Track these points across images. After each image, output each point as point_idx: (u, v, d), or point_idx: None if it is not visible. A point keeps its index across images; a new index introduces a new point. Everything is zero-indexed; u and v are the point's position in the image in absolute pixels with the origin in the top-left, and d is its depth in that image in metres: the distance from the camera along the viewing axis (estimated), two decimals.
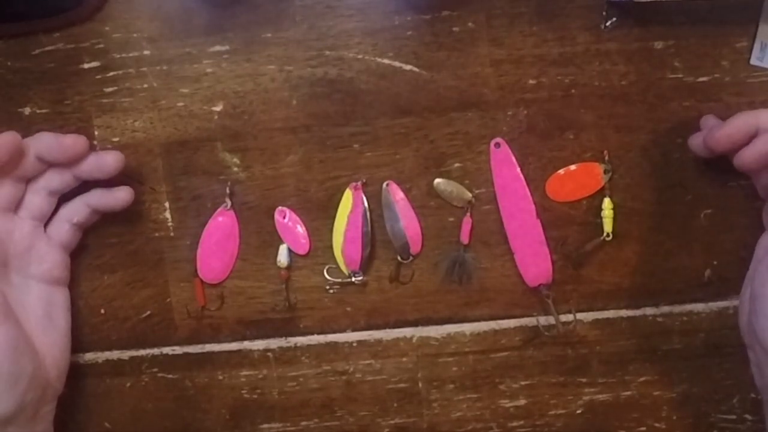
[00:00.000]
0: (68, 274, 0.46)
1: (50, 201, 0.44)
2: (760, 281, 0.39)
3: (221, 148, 0.46)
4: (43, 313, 0.44)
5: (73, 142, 0.42)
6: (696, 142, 0.41)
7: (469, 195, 0.45)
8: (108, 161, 0.42)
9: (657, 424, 0.47)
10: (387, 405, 0.48)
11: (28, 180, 0.43)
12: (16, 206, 0.43)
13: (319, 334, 0.48)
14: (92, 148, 0.46)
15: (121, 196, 0.44)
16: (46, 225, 0.45)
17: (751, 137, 0.38)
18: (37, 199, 0.43)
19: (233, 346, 0.48)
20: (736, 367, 0.46)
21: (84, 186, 0.44)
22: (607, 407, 0.47)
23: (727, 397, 0.47)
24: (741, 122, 0.38)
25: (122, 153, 0.43)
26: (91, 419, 0.49)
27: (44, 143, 0.42)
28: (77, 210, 0.45)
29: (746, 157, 0.38)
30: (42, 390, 0.42)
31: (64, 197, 0.45)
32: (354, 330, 0.48)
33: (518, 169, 0.45)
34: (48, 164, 0.42)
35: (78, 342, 0.48)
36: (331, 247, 0.46)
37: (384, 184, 0.46)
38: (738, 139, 0.38)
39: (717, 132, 0.38)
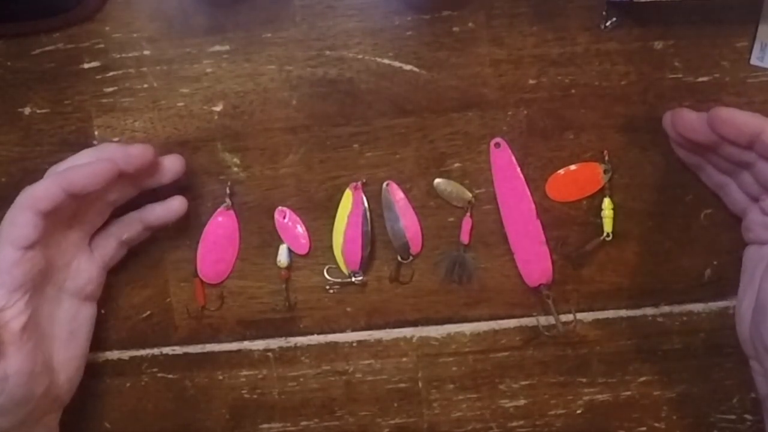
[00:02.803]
0: (100, 292, 0.45)
1: (104, 214, 0.43)
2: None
3: (221, 148, 0.46)
4: (67, 328, 0.43)
5: (140, 152, 0.41)
6: (667, 118, 0.41)
7: (469, 195, 0.45)
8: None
9: (657, 424, 0.47)
10: (387, 405, 0.48)
11: None
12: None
13: (319, 334, 0.48)
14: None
15: (174, 206, 0.44)
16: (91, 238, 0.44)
17: (710, 140, 0.38)
18: (91, 210, 0.43)
19: (233, 346, 0.48)
20: (736, 367, 0.46)
21: (135, 202, 0.44)
22: (607, 407, 0.47)
23: (727, 397, 0.47)
24: (698, 119, 0.38)
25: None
26: (91, 419, 0.49)
27: (110, 154, 0.40)
28: (129, 226, 0.44)
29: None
30: (49, 404, 0.42)
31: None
32: (354, 330, 0.48)
33: (518, 169, 0.45)
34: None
35: None
36: (331, 247, 0.46)
37: (384, 184, 0.46)
38: (696, 131, 0.39)
39: (684, 115, 0.39)
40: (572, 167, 0.45)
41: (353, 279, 0.46)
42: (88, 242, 0.44)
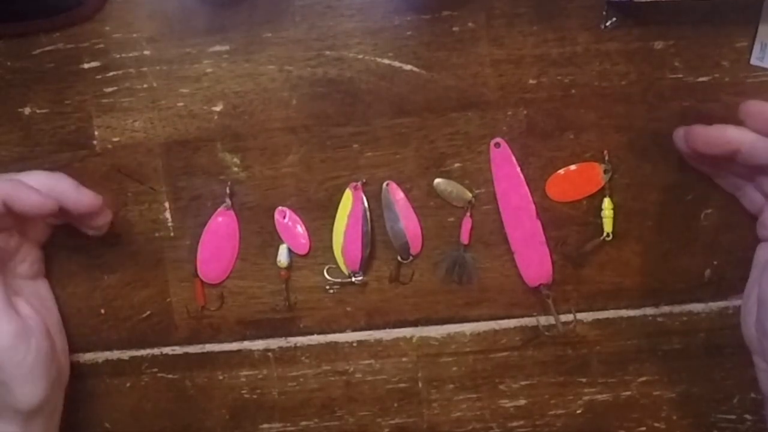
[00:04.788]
0: (44, 266, 0.47)
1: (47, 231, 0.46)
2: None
3: (221, 148, 0.46)
4: (40, 306, 0.44)
5: (91, 202, 0.42)
6: (679, 134, 0.41)
7: (469, 195, 0.45)
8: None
9: (657, 424, 0.47)
10: (387, 405, 0.48)
11: None
12: None
13: (319, 334, 0.48)
14: (92, 148, 0.46)
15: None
16: None
17: (728, 151, 0.38)
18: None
19: (233, 346, 0.48)
20: (736, 367, 0.46)
21: None
22: (607, 407, 0.47)
23: (727, 397, 0.47)
24: (723, 134, 0.38)
25: (122, 152, 0.43)
26: (91, 419, 0.49)
27: (63, 190, 0.41)
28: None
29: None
30: (59, 376, 0.43)
31: None
32: (354, 330, 0.48)
33: (518, 169, 0.45)
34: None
35: (78, 342, 0.48)
36: (331, 247, 0.46)
37: (384, 184, 0.46)
38: (713, 145, 0.39)
39: (699, 132, 0.39)
40: (572, 167, 0.45)
41: (353, 279, 0.46)
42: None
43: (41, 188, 0.40)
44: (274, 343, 0.48)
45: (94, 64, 0.45)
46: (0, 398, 0.40)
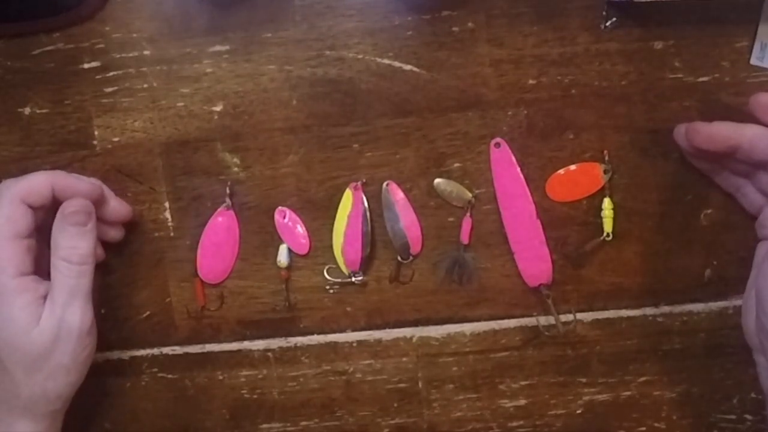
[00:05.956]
0: None
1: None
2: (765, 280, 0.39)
3: (221, 148, 0.46)
4: None
5: (127, 212, 0.45)
6: (680, 131, 0.41)
7: (469, 195, 0.45)
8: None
9: (657, 424, 0.47)
10: (387, 405, 0.48)
11: None
12: None
13: (319, 334, 0.48)
14: (92, 148, 0.46)
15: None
16: None
17: (728, 147, 0.39)
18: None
19: (233, 346, 0.48)
20: (736, 367, 0.46)
21: None
22: (607, 407, 0.47)
23: (727, 397, 0.47)
24: (723, 130, 0.39)
25: (122, 152, 0.44)
26: (91, 419, 0.49)
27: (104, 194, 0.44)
28: None
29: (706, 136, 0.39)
30: None
31: None
32: (354, 330, 0.48)
33: (518, 169, 0.45)
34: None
35: None
36: (331, 247, 0.46)
37: (384, 184, 0.46)
38: (714, 141, 0.39)
39: (700, 128, 0.39)
40: (572, 167, 0.45)
41: (353, 279, 0.46)
42: None
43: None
44: (274, 343, 0.48)
45: (94, 64, 0.45)
46: (40, 389, 0.41)
